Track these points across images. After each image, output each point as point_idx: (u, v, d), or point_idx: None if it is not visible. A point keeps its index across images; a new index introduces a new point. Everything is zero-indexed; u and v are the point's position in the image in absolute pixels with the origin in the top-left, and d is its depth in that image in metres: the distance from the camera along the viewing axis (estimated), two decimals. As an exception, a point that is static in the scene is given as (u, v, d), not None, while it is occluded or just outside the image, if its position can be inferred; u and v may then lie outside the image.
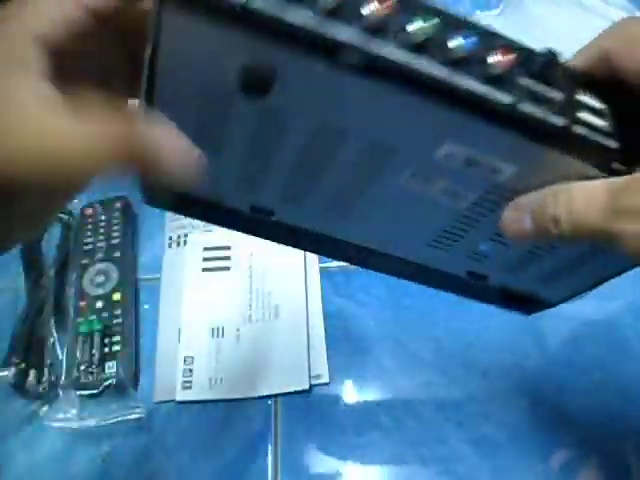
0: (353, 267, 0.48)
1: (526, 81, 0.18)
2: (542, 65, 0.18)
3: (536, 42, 0.19)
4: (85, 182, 0.21)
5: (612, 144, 0.19)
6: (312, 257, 0.49)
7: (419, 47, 0.17)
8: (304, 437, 0.41)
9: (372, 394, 0.43)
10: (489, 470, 0.39)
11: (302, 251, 0.47)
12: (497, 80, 0.17)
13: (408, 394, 0.42)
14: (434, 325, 0.45)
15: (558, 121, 0.18)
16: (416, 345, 0.44)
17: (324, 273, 0.48)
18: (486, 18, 0.61)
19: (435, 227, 0.24)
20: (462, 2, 0.68)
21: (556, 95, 0.18)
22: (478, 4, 0.63)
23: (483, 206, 0.22)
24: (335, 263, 0.48)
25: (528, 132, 0.18)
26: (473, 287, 0.28)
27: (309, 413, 0.42)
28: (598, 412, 0.41)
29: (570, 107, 0.19)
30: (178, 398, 0.43)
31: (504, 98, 0.18)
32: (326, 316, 0.46)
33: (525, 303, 0.29)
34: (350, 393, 0.43)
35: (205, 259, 0.49)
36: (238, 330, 0.45)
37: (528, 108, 0.18)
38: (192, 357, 0.44)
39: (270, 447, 0.41)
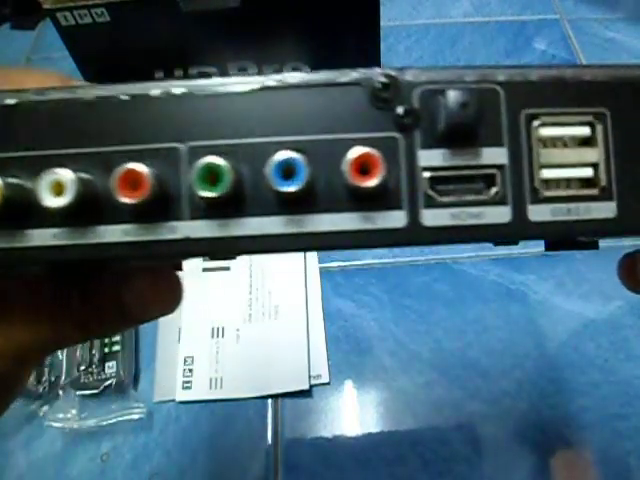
0: (353, 267, 0.48)
1: None
2: None
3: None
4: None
5: None
6: (312, 257, 0.49)
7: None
8: (304, 437, 0.41)
9: (372, 394, 0.43)
10: (489, 470, 0.39)
11: (302, 252, 0.47)
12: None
13: (408, 394, 0.42)
14: (434, 325, 0.45)
15: None
16: (416, 345, 0.44)
17: (324, 273, 0.48)
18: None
19: None
20: (461, 3, 0.68)
21: None
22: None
23: None
24: (335, 263, 0.49)
25: None
26: None
27: (309, 413, 0.42)
28: (598, 412, 0.41)
29: None
30: (178, 398, 0.43)
31: None
32: (326, 316, 0.46)
33: None
34: (350, 393, 0.43)
35: (205, 259, 0.49)
36: (238, 330, 0.45)
37: None
38: (192, 357, 0.44)
39: (270, 447, 0.41)
